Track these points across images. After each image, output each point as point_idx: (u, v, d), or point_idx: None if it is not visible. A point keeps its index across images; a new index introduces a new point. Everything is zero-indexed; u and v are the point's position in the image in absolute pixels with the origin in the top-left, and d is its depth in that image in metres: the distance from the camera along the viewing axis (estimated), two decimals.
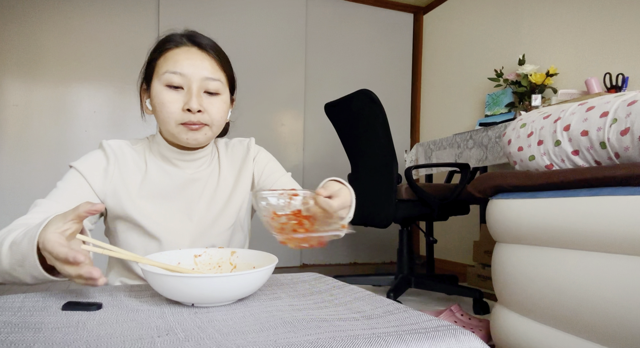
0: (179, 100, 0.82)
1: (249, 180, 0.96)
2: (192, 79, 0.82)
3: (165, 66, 0.82)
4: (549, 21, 2.57)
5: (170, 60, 0.82)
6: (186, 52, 0.83)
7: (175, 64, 0.82)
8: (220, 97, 0.86)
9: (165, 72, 0.82)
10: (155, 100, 0.83)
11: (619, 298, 0.95)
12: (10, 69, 2.65)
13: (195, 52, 0.83)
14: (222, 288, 0.60)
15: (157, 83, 0.83)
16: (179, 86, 0.82)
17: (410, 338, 0.48)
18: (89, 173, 0.85)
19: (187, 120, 0.82)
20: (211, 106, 0.84)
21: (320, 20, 3.40)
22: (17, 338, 0.48)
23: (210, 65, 0.84)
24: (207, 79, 0.83)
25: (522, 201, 1.22)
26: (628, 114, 0.99)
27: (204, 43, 0.85)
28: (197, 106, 0.81)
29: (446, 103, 3.40)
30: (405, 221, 2.12)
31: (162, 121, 0.84)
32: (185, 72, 0.81)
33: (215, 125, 0.86)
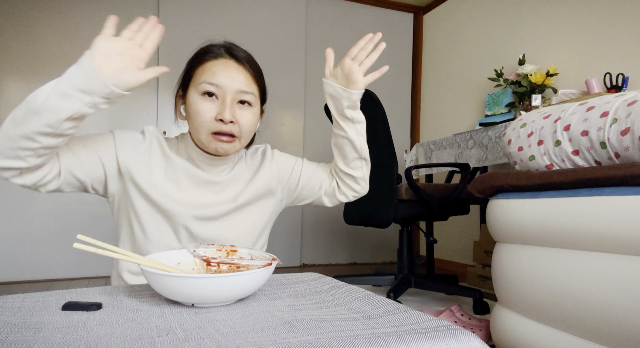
0: (213, 110, 0.86)
1: (266, 183, 1.01)
2: (227, 91, 0.86)
3: (203, 76, 0.87)
4: (549, 21, 2.56)
5: (208, 71, 0.87)
6: (223, 64, 0.88)
7: (212, 75, 0.86)
8: (252, 109, 0.90)
9: (202, 82, 0.86)
10: (191, 108, 0.88)
11: (619, 298, 0.95)
12: (10, 69, 2.65)
13: (232, 65, 0.88)
14: (222, 288, 0.60)
15: (194, 92, 0.88)
16: (214, 95, 0.86)
17: (410, 338, 0.48)
18: (120, 142, 0.88)
19: (219, 130, 0.86)
20: (242, 117, 0.88)
21: (320, 20, 3.40)
22: (17, 338, 0.48)
23: (245, 78, 0.88)
24: (241, 92, 0.88)
25: (522, 201, 1.22)
26: (628, 114, 0.99)
27: (241, 56, 0.90)
28: (229, 117, 0.85)
29: (446, 103, 3.40)
30: (405, 221, 2.12)
31: (195, 129, 0.88)
32: (222, 83, 0.86)
33: (244, 136, 0.90)
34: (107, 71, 0.69)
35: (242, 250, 0.80)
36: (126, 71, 0.70)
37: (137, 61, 0.72)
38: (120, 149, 0.87)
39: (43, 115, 0.68)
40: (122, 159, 0.87)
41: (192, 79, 0.89)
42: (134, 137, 0.91)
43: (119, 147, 0.87)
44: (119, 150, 0.87)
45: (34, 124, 0.68)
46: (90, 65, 0.68)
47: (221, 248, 0.80)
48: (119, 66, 0.70)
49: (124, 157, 0.87)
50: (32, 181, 0.76)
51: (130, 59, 0.71)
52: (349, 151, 0.99)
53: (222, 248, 0.80)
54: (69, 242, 2.60)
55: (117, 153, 0.87)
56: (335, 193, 1.04)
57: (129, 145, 0.89)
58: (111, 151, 0.87)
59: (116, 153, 0.87)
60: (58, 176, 0.80)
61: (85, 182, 0.85)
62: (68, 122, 0.70)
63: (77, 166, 0.82)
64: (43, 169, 0.77)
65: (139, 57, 0.73)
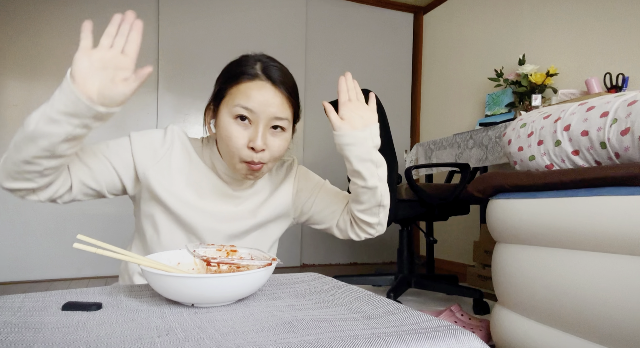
0: (245, 136, 0.83)
1: (288, 196, 0.99)
2: (261, 116, 0.82)
3: (237, 99, 0.82)
4: (549, 21, 2.56)
5: (242, 93, 0.82)
6: (260, 87, 0.82)
7: (247, 99, 0.82)
8: (284, 135, 0.86)
9: (236, 106, 0.82)
10: (222, 131, 0.84)
11: (619, 298, 0.95)
12: (10, 69, 2.65)
13: (268, 89, 0.83)
14: (222, 288, 0.60)
15: (226, 113, 0.84)
16: (247, 119, 0.83)
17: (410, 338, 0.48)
18: (138, 147, 0.86)
19: (250, 159, 0.83)
20: (274, 143, 0.84)
21: (320, 20, 3.40)
22: (17, 338, 0.48)
23: (280, 102, 0.84)
24: (275, 118, 0.83)
25: (522, 201, 1.22)
26: (628, 114, 0.99)
27: (278, 78, 0.84)
28: (261, 145, 0.82)
29: (446, 103, 3.40)
30: (405, 221, 2.12)
31: (226, 153, 0.86)
32: (256, 108, 0.82)
33: (272, 162, 0.87)
34: (92, 90, 0.65)
35: (242, 250, 0.80)
36: (112, 86, 0.66)
37: (123, 71, 0.67)
38: (137, 154, 0.85)
39: (37, 141, 0.67)
40: (140, 165, 0.85)
41: (224, 98, 0.85)
42: (153, 138, 0.88)
43: (136, 152, 0.85)
44: (136, 156, 0.85)
45: (31, 149, 0.68)
46: (71, 88, 0.64)
47: (221, 248, 0.80)
48: (103, 82, 0.66)
49: (141, 163, 0.85)
50: (46, 196, 0.77)
51: (114, 71, 0.66)
52: (368, 200, 0.92)
53: (222, 248, 0.80)
54: (69, 242, 2.60)
55: (135, 160, 0.85)
56: (348, 230, 1.00)
57: (148, 149, 0.86)
58: (127, 157, 0.85)
59: (133, 159, 0.85)
60: (70, 189, 0.80)
61: (99, 190, 0.84)
62: (64, 144, 0.68)
63: (88, 176, 0.81)
64: (55, 185, 0.77)
65: (124, 66, 0.67)
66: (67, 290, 0.71)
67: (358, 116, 0.88)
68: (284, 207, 0.99)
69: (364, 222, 0.96)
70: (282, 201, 0.98)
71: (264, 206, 0.96)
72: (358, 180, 0.90)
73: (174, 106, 2.95)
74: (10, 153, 0.70)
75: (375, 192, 0.91)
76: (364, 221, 0.95)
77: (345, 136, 0.86)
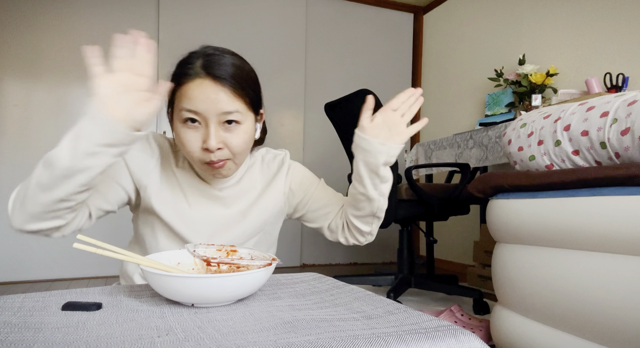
0: (198, 138, 0.80)
1: (279, 194, 0.97)
2: (208, 116, 0.78)
3: (181, 102, 0.79)
4: (549, 21, 2.56)
5: (184, 96, 0.79)
6: (199, 86, 0.78)
7: (189, 101, 0.78)
8: (241, 127, 0.82)
9: (182, 110, 0.79)
10: (177, 137, 0.83)
11: (619, 298, 0.95)
12: (10, 69, 2.65)
13: (209, 85, 0.78)
14: (222, 289, 0.60)
15: (176, 118, 0.82)
16: (196, 121, 0.79)
17: (410, 338, 0.48)
18: (132, 161, 0.85)
19: (208, 160, 0.81)
20: (230, 139, 0.81)
21: (320, 20, 3.40)
22: (17, 338, 0.48)
23: (226, 97, 0.78)
24: (223, 113, 0.79)
25: (522, 201, 1.22)
26: (628, 114, 0.99)
27: (219, 72, 0.79)
28: (215, 144, 0.79)
29: (446, 103, 3.40)
30: (405, 221, 2.12)
31: (187, 158, 0.84)
32: (200, 109, 0.78)
33: (238, 156, 0.84)
34: (120, 116, 0.65)
35: (242, 250, 0.80)
36: (138, 108, 0.66)
37: (144, 93, 0.67)
38: (132, 168, 0.86)
39: (76, 177, 0.66)
40: (137, 179, 0.86)
41: (174, 103, 0.82)
42: (141, 152, 0.87)
43: (131, 167, 0.85)
44: (132, 170, 0.85)
45: (68, 187, 0.67)
46: (106, 118, 0.63)
47: (221, 248, 0.80)
48: (128, 106, 0.65)
49: (137, 176, 0.86)
50: (70, 231, 0.77)
51: (136, 93, 0.66)
52: (364, 207, 0.91)
53: (222, 248, 0.80)
54: (69, 242, 2.59)
55: (132, 174, 0.86)
56: (338, 233, 0.98)
57: (139, 163, 0.86)
58: (126, 173, 0.85)
59: (130, 174, 0.86)
60: (90, 218, 0.81)
61: (112, 210, 0.86)
62: (100, 175, 0.69)
63: (103, 201, 0.82)
64: (78, 219, 0.77)
65: (144, 88, 0.67)
66: (67, 290, 0.71)
67: (387, 128, 0.85)
68: (276, 205, 0.97)
69: (356, 228, 0.95)
70: (274, 198, 0.96)
71: (256, 204, 0.94)
72: (359, 186, 0.88)
73: None
74: (33, 196, 0.68)
75: (372, 203, 0.89)
76: (356, 227, 0.94)
77: (363, 139, 0.84)
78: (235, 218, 0.93)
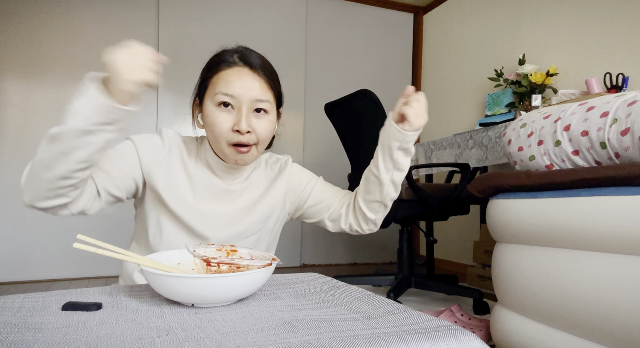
0: (229, 120, 0.86)
1: (281, 193, 1.01)
2: (242, 100, 0.85)
3: (217, 87, 0.86)
4: (549, 21, 2.56)
5: (222, 80, 0.86)
6: (238, 73, 0.86)
7: (227, 85, 0.85)
8: (268, 117, 0.89)
9: (217, 93, 0.85)
10: (207, 119, 0.88)
11: (619, 298, 0.95)
12: (10, 69, 2.65)
13: (247, 73, 0.87)
14: (222, 289, 0.60)
15: (210, 102, 0.87)
16: (229, 105, 0.86)
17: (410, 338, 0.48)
18: (142, 150, 0.88)
19: (237, 141, 0.86)
20: (259, 125, 0.87)
21: (320, 20, 3.40)
22: (17, 338, 0.48)
23: (260, 86, 0.87)
24: (256, 100, 0.86)
25: (522, 201, 1.22)
26: (628, 114, 0.99)
27: (255, 63, 0.88)
28: (246, 127, 0.85)
29: (446, 103, 3.40)
30: (405, 221, 2.12)
31: (213, 140, 0.89)
32: (237, 93, 0.85)
33: (261, 144, 0.90)
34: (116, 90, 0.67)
35: (242, 250, 0.80)
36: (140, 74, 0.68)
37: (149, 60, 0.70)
38: (143, 158, 0.88)
39: (73, 154, 0.69)
40: (145, 168, 0.89)
41: (207, 89, 0.89)
42: (153, 142, 0.91)
43: (142, 156, 0.88)
44: (142, 159, 0.88)
45: (67, 164, 0.69)
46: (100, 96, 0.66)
47: (221, 248, 0.80)
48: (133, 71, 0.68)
49: (146, 166, 0.89)
50: (77, 210, 0.78)
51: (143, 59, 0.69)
52: (374, 191, 0.95)
53: (222, 248, 0.80)
54: (69, 242, 2.60)
55: (141, 163, 0.88)
56: (341, 221, 1.01)
57: (150, 152, 0.89)
58: (136, 162, 0.88)
59: (140, 163, 0.88)
60: (99, 199, 0.82)
61: (120, 196, 0.87)
62: (99, 152, 0.72)
63: (111, 185, 0.84)
64: (84, 196, 0.78)
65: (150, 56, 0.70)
66: (67, 290, 0.71)
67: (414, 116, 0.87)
68: (278, 203, 1.01)
69: (362, 214, 0.98)
70: (276, 197, 1.00)
71: (259, 203, 0.98)
72: (373, 167, 0.94)
73: (174, 106, 2.95)
74: (37, 172, 0.70)
75: (383, 188, 0.93)
76: (362, 212, 0.98)
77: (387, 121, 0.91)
78: (240, 213, 0.96)
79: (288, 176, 1.02)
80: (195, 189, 0.92)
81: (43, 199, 0.73)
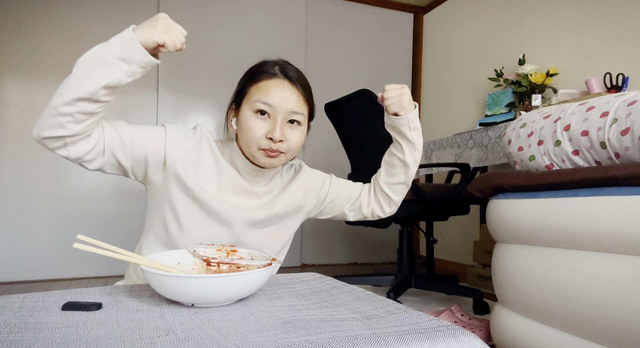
0: (264, 127, 0.90)
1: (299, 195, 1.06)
2: (279, 111, 0.90)
3: (257, 95, 0.90)
4: (549, 21, 2.56)
5: (262, 90, 0.90)
6: (278, 84, 0.91)
7: (267, 95, 0.90)
8: (300, 128, 0.94)
9: (256, 101, 0.90)
10: (244, 123, 0.92)
11: (619, 298, 0.95)
12: (10, 69, 2.65)
13: (286, 86, 0.92)
14: (222, 288, 0.60)
15: (247, 108, 0.92)
16: (266, 113, 0.90)
17: (410, 338, 0.48)
18: (171, 136, 0.91)
19: (269, 147, 0.90)
20: (291, 136, 0.92)
21: (320, 20, 3.40)
22: (17, 338, 0.48)
23: (297, 98, 0.92)
24: (292, 112, 0.91)
25: (522, 201, 1.22)
26: (628, 114, 0.99)
27: (294, 76, 0.93)
28: (279, 137, 0.89)
29: (446, 103, 3.40)
30: (405, 221, 2.12)
31: (246, 144, 0.92)
32: (274, 103, 0.90)
33: (291, 152, 0.94)
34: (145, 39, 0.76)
35: (242, 250, 0.80)
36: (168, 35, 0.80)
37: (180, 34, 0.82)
38: (169, 143, 0.91)
39: (85, 82, 0.73)
40: (170, 154, 0.91)
41: (245, 96, 0.93)
42: (185, 132, 0.94)
43: (169, 141, 0.91)
44: (168, 144, 0.90)
45: (75, 90, 0.73)
46: (132, 36, 0.73)
47: (221, 248, 0.81)
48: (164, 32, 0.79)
49: (172, 152, 0.91)
50: (76, 154, 0.80)
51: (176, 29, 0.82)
52: (399, 173, 1.05)
53: (222, 248, 0.80)
54: (69, 242, 2.60)
55: (166, 147, 0.90)
56: (362, 208, 1.10)
57: (179, 141, 0.92)
58: (160, 143, 0.90)
59: (165, 146, 0.90)
60: (102, 155, 0.84)
61: (125, 166, 0.88)
62: (105, 89, 0.75)
63: (120, 148, 0.85)
64: (85, 143, 0.80)
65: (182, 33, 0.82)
66: (67, 290, 0.71)
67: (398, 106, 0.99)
68: (296, 201, 1.05)
69: (386, 196, 1.07)
70: (294, 196, 1.05)
71: (277, 199, 1.03)
72: (397, 151, 1.03)
73: (174, 106, 2.95)
74: (51, 101, 0.75)
75: (408, 170, 1.04)
76: (386, 195, 1.07)
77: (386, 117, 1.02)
78: (262, 207, 1.00)
79: (305, 178, 1.07)
80: (221, 182, 0.96)
81: (46, 128, 0.75)
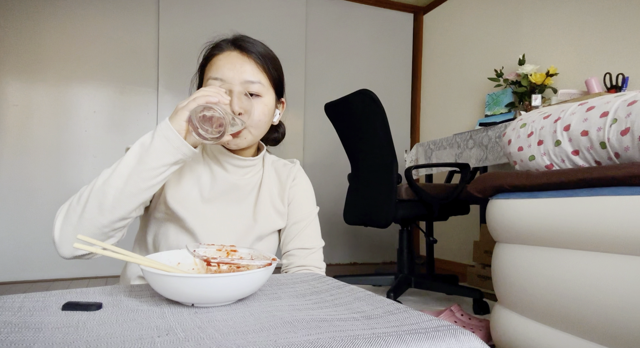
0: None
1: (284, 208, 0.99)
2: (233, 82, 0.84)
3: (209, 72, 0.86)
4: (549, 21, 2.56)
5: (213, 66, 0.86)
6: (227, 56, 0.86)
7: (217, 70, 0.85)
8: (261, 99, 0.87)
9: (209, 79, 0.85)
10: None
11: (619, 298, 0.95)
12: (10, 69, 2.65)
13: (236, 56, 0.86)
14: (222, 288, 0.60)
15: None
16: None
17: (410, 338, 0.48)
18: None
19: None
20: (251, 108, 0.85)
21: (320, 20, 3.40)
22: (17, 338, 0.48)
23: (250, 68, 0.86)
24: (247, 82, 0.85)
25: (522, 201, 1.22)
26: (628, 114, 0.99)
27: (246, 46, 0.87)
28: (237, 109, 0.83)
29: (446, 103, 3.40)
30: (405, 221, 2.12)
31: None
32: (226, 76, 0.84)
33: (255, 127, 0.88)
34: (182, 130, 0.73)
35: (242, 250, 0.80)
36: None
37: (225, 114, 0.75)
38: None
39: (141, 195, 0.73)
40: None
41: (203, 78, 0.89)
42: None
43: None
44: None
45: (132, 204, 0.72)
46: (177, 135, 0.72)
47: (221, 248, 0.80)
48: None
49: None
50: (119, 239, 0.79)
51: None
52: None
53: (222, 248, 0.80)
54: None
55: None
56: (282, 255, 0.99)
57: None
58: None
59: None
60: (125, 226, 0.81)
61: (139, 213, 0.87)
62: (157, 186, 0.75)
63: None
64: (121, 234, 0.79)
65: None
66: (67, 290, 0.71)
67: None
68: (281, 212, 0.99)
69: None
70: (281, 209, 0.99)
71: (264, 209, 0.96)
72: None
73: (174, 106, 2.94)
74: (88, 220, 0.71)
75: None
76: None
77: None
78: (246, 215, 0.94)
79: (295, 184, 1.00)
80: (202, 186, 0.91)
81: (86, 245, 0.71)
